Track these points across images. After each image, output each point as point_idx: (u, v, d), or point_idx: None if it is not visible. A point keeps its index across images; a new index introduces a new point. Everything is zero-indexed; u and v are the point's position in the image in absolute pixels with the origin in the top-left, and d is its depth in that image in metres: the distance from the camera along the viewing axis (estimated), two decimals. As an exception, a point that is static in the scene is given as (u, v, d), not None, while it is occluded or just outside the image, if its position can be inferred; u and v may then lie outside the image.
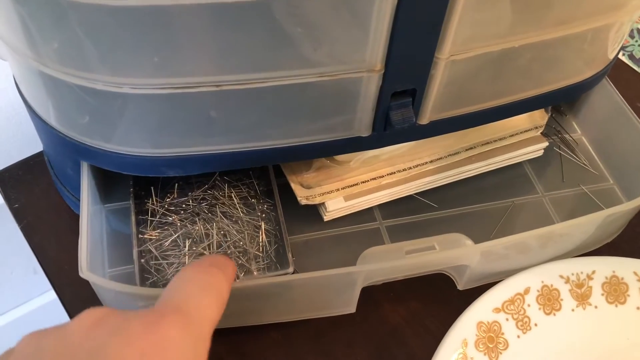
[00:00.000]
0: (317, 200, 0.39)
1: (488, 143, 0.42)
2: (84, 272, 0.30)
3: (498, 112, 0.37)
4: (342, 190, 0.39)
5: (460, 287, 0.37)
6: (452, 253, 0.34)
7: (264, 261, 0.37)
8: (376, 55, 0.29)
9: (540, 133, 0.43)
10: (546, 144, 0.43)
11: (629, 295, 0.37)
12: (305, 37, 0.28)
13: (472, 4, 0.29)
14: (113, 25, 0.25)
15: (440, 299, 0.38)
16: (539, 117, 0.43)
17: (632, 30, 0.61)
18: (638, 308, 0.37)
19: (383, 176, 0.40)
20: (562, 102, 0.44)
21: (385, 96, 0.32)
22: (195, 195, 0.39)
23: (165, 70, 0.28)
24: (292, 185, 0.39)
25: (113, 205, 0.40)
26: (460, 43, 0.31)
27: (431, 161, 0.41)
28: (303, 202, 0.38)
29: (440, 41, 0.30)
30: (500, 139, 0.42)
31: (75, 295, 0.38)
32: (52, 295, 0.42)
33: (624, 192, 0.42)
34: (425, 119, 0.35)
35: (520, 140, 0.43)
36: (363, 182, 0.40)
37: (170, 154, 0.32)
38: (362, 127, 0.34)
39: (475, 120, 0.37)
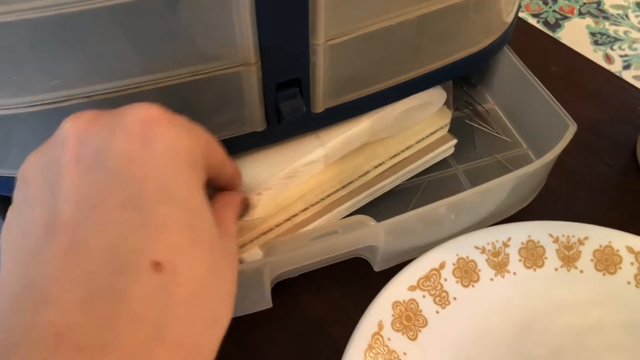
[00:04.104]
0: None
1: (397, 155, 0.40)
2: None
3: (399, 90, 0.37)
4: (256, 240, 0.36)
5: (376, 268, 0.37)
6: (356, 234, 0.33)
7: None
8: (247, 48, 0.29)
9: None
10: (455, 140, 0.42)
11: (546, 258, 0.38)
12: (171, 36, 0.28)
13: (336, -14, 0.29)
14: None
15: (360, 284, 0.38)
16: (443, 116, 0.42)
17: (545, -4, 0.61)
18: (556, 269, 0.37)
19: (297, 214, 0.37)
20: (466, 73, 0.44)
21: (269, 89, 0.32)
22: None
23: (29, 88, 0.27)
24: None
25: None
26: (333, 27, 0.30)
27: (343, 187, 0.39)
28: None
29: (312, 27, 0.30)
30: (408, 148, 0.41)
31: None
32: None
33: (537, 156, 0.42)
34: (319, 107, 0.35)
35: (429, 143, 0.42)
36: (277, 225, 0.37)
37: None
38: (255, 121, 0.34)
39: (376, 101, 0.37)
